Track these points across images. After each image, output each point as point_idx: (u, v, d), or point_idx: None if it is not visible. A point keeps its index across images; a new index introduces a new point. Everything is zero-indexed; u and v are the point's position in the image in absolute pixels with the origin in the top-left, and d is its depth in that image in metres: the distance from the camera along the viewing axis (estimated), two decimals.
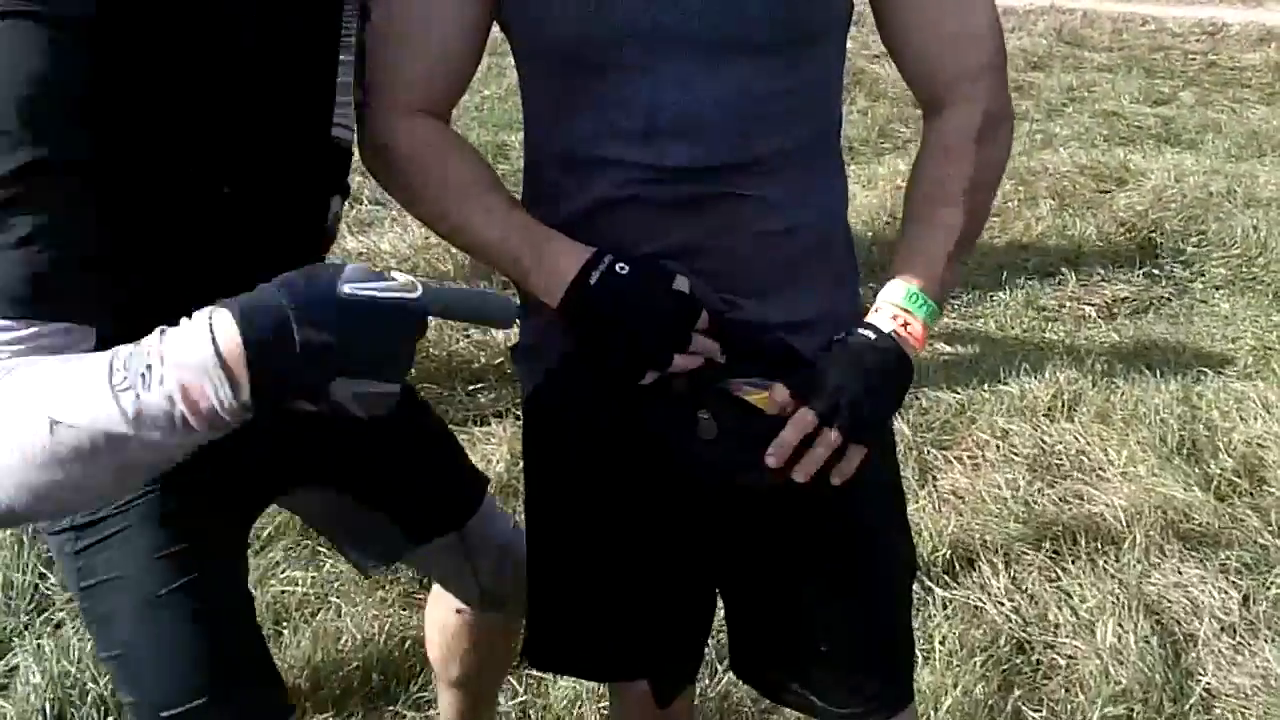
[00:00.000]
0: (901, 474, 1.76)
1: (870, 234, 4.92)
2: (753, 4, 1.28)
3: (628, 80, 1.32)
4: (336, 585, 2.81)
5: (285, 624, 2.69)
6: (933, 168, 1.42)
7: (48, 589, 2.78)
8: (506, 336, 4.07)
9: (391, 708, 2.46)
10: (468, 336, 4.09)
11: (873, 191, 5.33)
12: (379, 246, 4.96)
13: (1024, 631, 2.66)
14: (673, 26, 1.29)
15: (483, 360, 3.98)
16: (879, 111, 6.71)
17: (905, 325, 1.34)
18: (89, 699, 2.40)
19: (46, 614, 2.71)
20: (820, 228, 1.43)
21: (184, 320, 1.02)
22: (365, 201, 5.58)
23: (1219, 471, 3.22)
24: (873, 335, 1.33)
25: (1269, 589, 2.77)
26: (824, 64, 1.39)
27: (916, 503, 3.07)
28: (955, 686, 2.46)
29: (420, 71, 1.41)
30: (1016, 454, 3.35)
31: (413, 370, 3.58)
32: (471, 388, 3.81)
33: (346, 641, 2.59)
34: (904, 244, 1.41)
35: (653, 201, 1.36)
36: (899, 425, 3.34)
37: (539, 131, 1.45)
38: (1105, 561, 2.86)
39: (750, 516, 1.49)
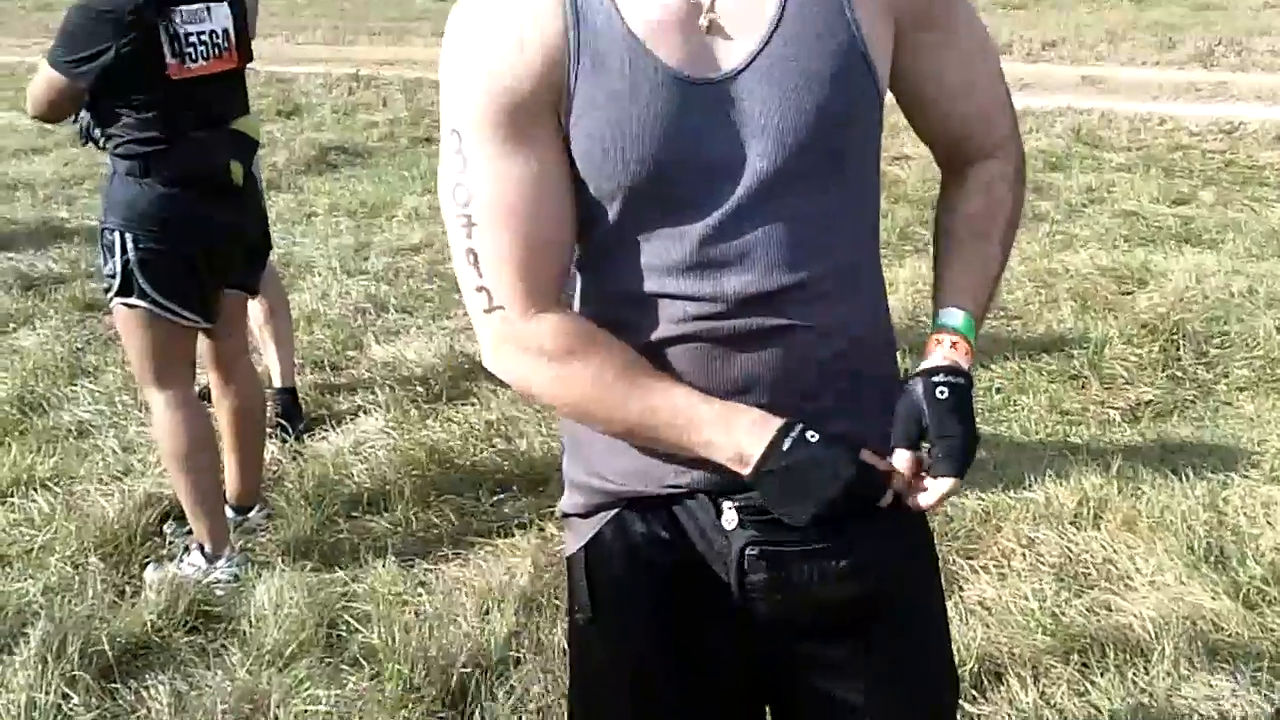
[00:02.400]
0: None
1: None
2: (797, 132, 1.35)
3: (681, 214, 1.38)
4: (360, 705, 2.80)
5: None
6: (975, 204, 1.56)
7: (70, 710, 2.79)
8: (531, 446, 4.09)
9: None
10: (492, 447, 4.11)
11: (894, 295, 5.35)
12: (405, 355, 5.01)
13: None
14: (722, 160, 1.36)
15: (507, 469, 4.00)
16: (900, 214, 6.77)
17: (970, 356, 1.49)
18: None
19: None
20: (870, 343, 1.50)
21: None
22: (392, 310, 5.66)
23: (1248, 579, 3.19)
24: (965, 381, 1.46)
25: None
26: (863, 179, 1.46)
27: None
28: None
29: (542, 265, 1.41)
30: (1043, 563, 3.34)
31: (433, 478, 3.54)
32: (496, 497, 3.83)
33: None
34: (951, 271, 1.54)
35: (710, 338, 1.41)
36: None
37: (591, 274, 1.48)
38: (1134, 674, 2.83)
39: (802, 635, 1.53)
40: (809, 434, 1.38)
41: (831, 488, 1.38)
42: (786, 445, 1.38)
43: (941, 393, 1.45)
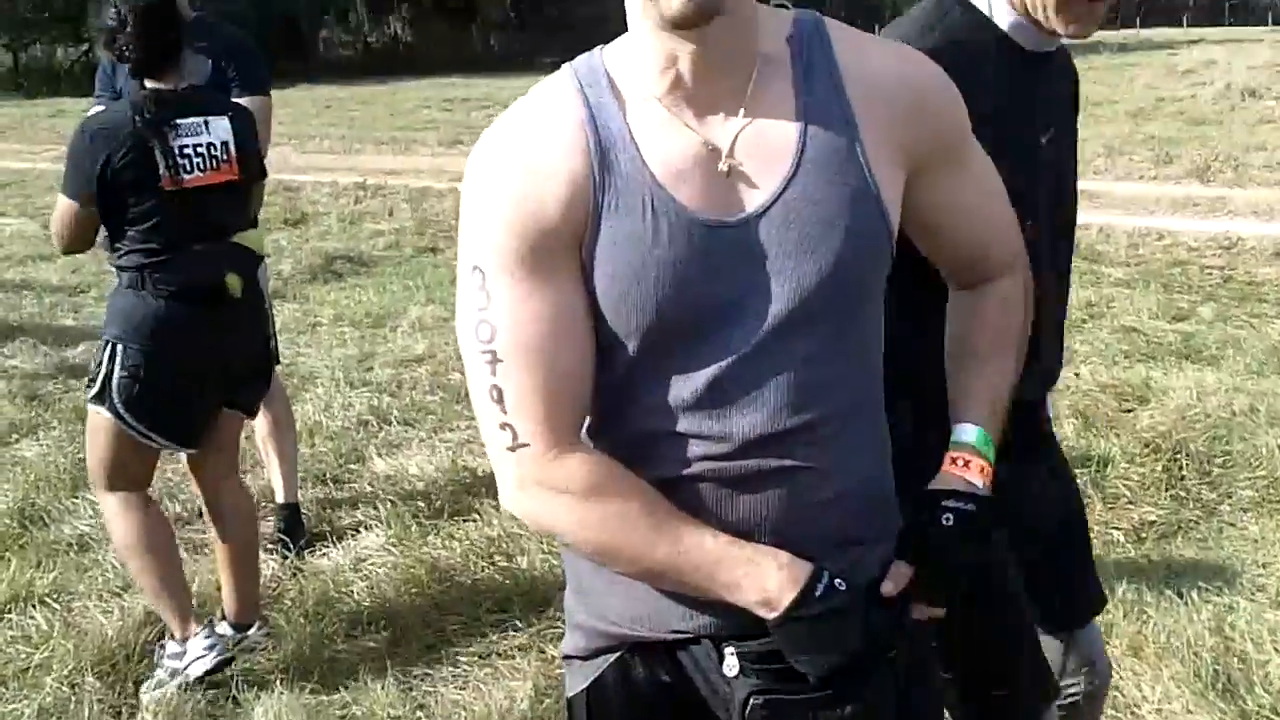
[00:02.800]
0: None
1: None
2: (811, 278, 1.38)
3: (694, 355, 1.40)
4: None
5: None
6: (988, 321, 1.63)
7: None
8: (532, 564, 4.06)
9: None
10: (493, 564, 4.09)
11: None
12: (407, 469, 5.01)
13: None
14: (737, 303, 1.38)
15: (507, 587, 3.97)
16: None
17: (986, 474, 1.52)
18: None
19: None
20: (874, 480, 1.52)
21: None
22: (394, 423, 5.66)
23: (1256, 709, 3.15)
24: (975, 506, 1.48)
25: None
26: (873, 320, 1.49)
27: None
28: None
29: (567, 402, 1.42)
30: None
31: (434, 596, 3.50)
32: (497, 617, 3.79)
33: None
34: (966, 387, 1.60)
35: (715, 478, 1.42)
36: None
37: (600, 410, 1.49)
38: None
39: None
40: (837, 582, 1.39)
41: (857, 640, 1.38)
42: (818, 592, 1.38)
43: (946, 519, 1.47)
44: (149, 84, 3.28)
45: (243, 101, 3.78)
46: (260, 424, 4.40)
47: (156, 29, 3.24)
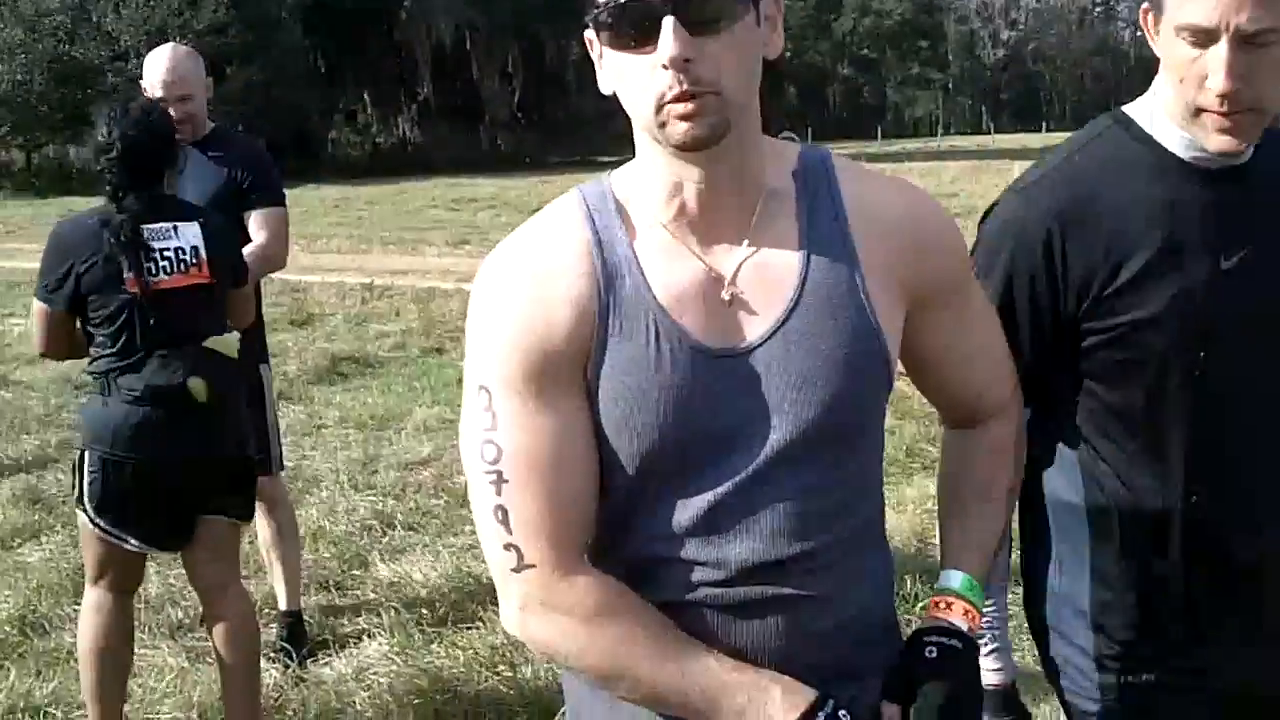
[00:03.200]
0: None
1: (901, 560, 4.89)
2: (810, 410, 1.39)
3: (692, 481, 1.41)
4: None
5: None
6: (980, 467, 1.65)
7: None
8: (535, 674, 4.02)
9: None
10: (496, 674, 4.05)
11: (903, 515, 5.32)
12: (410, 575, 4.97)
13: None
14: (736, 431, 1.39)
15: (510, 698, 3.92)
16: (907, 430, 6.79)
17: (971, 617, 1.54)
18: None
19: None
20: (873, 612, 1.53)
21: None
22: (399, 527, 5.63)
23: None
24: (960, 644, 1.49)
25: None
26: (871, 450, 1.50)
27: None
28: None
29: (573, 523, 1.42)
30: None
31: (436, 707, 3.44)
32: None
33: None
34: (953, 534, 1.63)
35: (714, 605, 1.42)
36: None
37: (599, 535, 1.49)
38: None
39: None
40: (841, 713, 1.37)
41: None
42: (821, 719, 1.37)
43: (930, 652, 1.48)
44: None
45: (259, 211, 3.81)
46: (263, 530, 4.38)
47: (144, 159, 3.31)
